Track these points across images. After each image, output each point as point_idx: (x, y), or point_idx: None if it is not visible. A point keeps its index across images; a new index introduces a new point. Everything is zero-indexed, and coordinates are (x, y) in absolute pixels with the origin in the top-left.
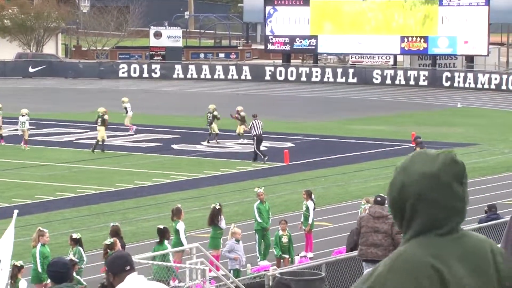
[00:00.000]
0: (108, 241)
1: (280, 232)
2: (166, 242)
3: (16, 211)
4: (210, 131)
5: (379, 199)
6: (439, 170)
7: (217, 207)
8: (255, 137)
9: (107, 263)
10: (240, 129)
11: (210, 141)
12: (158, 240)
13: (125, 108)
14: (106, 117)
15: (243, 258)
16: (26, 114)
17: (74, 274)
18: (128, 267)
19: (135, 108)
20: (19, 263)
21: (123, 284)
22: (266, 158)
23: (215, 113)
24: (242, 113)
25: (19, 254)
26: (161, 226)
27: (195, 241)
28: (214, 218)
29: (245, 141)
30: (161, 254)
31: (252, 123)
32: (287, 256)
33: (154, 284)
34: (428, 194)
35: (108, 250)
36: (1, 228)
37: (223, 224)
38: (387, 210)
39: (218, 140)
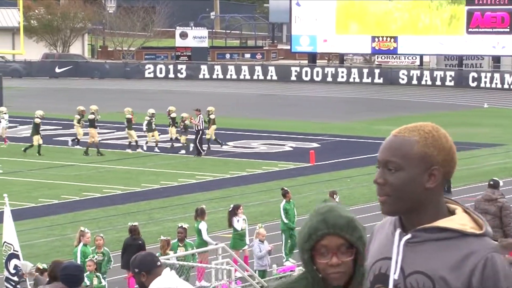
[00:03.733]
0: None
1: None
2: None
3: (5, 195)
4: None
5: (491, 182)
6: None
7: (229, 208)
8: (200, 132)
9: (136, 265)
10: (211, 131)
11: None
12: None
13: None
14: (212, 116)
15: (268, 258)
16: (7, 112)
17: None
18: (159, 263)
19: (161, 108)
20: (42, 265)
21: (161, 278)
22: (202, 154)
23: (212, 116)
24: (212, 116)
25: (45, 254)
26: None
27: (220, 241)
28: (229, 219)
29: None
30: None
31: (200, 117)
32: None
33: (185, 282)
34: None
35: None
36: (29, 227)
37: (237, 225)
38: (498, 193)
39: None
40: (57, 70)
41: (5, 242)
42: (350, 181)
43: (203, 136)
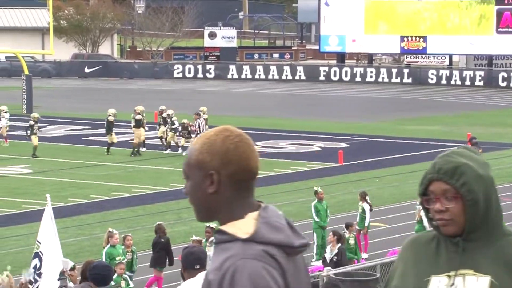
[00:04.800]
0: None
1: (347, 235)
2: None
3: (47, 195)
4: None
5: None
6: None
7: None
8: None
9: (182, 256)
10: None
11: None
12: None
13: None
14: (205, 116)
15: None
16: (7, 111)
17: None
18: (198, 266)
19: (189, 108)
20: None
21: (194, 279)
22: None
23: (205, 116)
24: (205, 116)
25: (75, 253)
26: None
27: None
28: None
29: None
30: None
31: (198, 122)
32: (356, 257)
33: None
34: None
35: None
36: (58, 227)
37: None
38: None
39: None
40: (87, 70)
41: (37, 240)
42: (378, 181)
43: None
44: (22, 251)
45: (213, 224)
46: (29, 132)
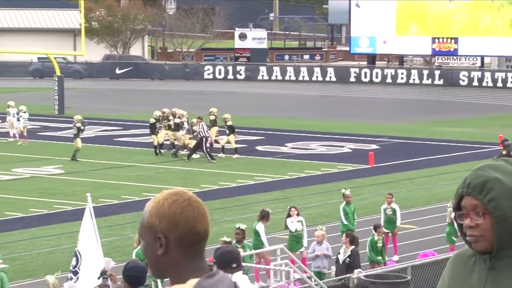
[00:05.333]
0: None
1: (376, 237)
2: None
3: (88, 194)
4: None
5: None
6: None
7: (287, 209)
8: (204, 139)
9: (215, 256)
10: (213, 133)
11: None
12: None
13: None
14: (212, 117)
15: (324, 260)
16: (26, 111)
17: None
18: (234, 265)
19: (220, 109)
20: None
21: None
22: (214, 160)
23: (212, 117)
24: (212, 117)
25: (106, 254)
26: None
27: (279, 243)
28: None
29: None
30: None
31: (202, 125)
32: (383, 260)
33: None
34: None
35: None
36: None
37: (291, 226)
38: None
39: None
40: (118, 71)
41: (78, 239)
42: (409, 183)
43: (208, 143)
44: (53, 251)
45: (243, 226)
46: (79, 132)
